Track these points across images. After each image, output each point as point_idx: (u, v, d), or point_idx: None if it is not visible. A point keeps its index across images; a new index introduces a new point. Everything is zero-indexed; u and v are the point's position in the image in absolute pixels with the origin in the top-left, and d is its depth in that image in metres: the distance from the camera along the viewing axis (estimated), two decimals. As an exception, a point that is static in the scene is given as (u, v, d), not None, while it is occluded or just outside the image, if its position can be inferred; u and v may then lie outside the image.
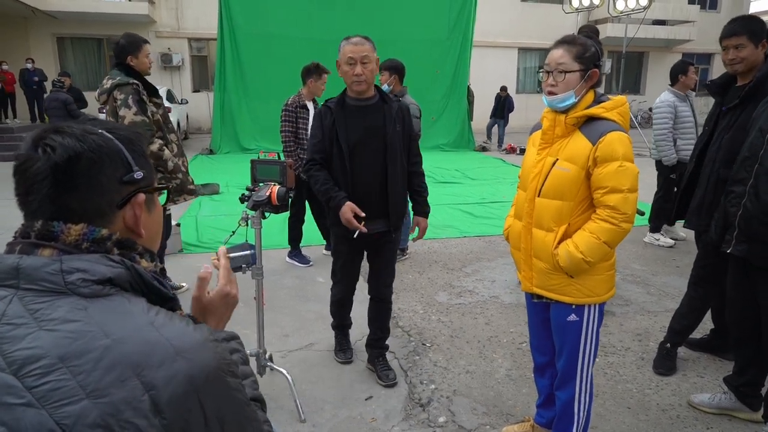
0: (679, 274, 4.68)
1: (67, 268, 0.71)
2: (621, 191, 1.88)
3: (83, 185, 0.75)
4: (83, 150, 0.75)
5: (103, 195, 0.77)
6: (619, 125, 1.93)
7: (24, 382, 0.63)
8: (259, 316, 2.73)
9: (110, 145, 0.78)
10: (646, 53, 22.25)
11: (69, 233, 0.74)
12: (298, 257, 4.89)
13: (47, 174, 0.73)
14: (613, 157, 1.88)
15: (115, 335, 0.67)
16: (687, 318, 3.05)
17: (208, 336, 0.75)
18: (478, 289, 4.34)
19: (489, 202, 7.62)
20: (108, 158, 0.78)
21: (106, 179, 0.77)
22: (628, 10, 13.13)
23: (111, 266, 0.73)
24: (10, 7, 14.41)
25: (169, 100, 13.27)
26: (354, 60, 2.54)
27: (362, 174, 2.64)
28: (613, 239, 1.92)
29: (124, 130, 0.84)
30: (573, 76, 1.91)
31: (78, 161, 0.74)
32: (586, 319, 2.07)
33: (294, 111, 4.59)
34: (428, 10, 13.37)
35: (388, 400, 2.78)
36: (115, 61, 3.50)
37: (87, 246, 0.75)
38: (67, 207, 0.75)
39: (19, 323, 0.67)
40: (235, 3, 12.46)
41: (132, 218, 0.82)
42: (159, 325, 0.71)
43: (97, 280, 0.71)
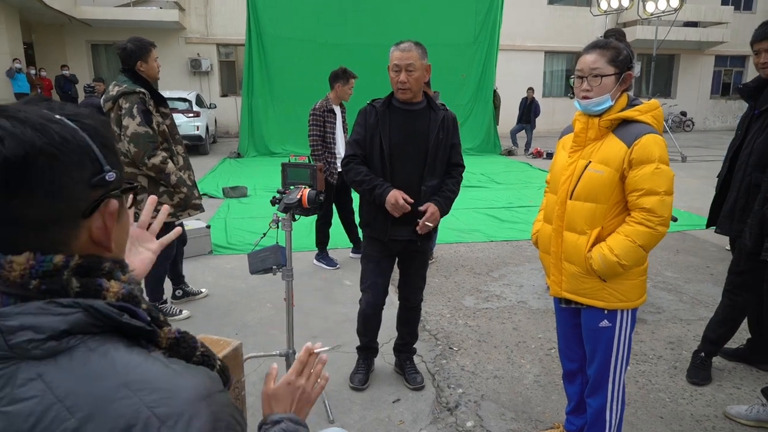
0: (713, 282, 4.57)
1: (6, 327, 0.56)
2: (657, 194, 1.86)
3: (40, 189, 0.59)
4: (43, 144, 0.59)
5: (65, 201, 0.62)
6: (654, 128, 1.92)
7: None
8: (289, 317, 2.76)
9: (77, 138, 0.62)
10: (677, 56, 21.79)
11: (12, 268, 0.59)
12: (326, 260, 4.93)
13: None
14: (649, 159, 1.86)
15: (81, 412, 0.54)
16: (722, 327, 2.98)
17: (200, 390, 0.60)
18: (505, 293, 4.31)
19: (516, 206, 7.56)
20: (74, 155, 0.62)
21: (70, 182, 0.61)
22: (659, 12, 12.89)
23: (62, 314, 0.58)
24: (48, 16, 14.91)
25: (197, 104, 13.53)
26: (399, 67, 2.49)
27: (400, 178, 2.60)
28: (649, 242, 1.90)
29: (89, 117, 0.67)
30: (608, 80, 1.91)
31: (36, 158, 0.58)
32: (619, 325, 2.04)
33: (321, 115, 4.63)
34: (454, 14, 13.34)
35: (415, 403, 2.78)
36: (123, 67, 3.30)
37: (36, 284, 0.59)
38: (18, 215, 0.59)
39: None
40: (262, 9, 12.65)
41: (101, 230, 0.66)
42: (136, 387, 0.56)
43: (47, 336, 0.56)
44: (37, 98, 0.66)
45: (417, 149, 2.60)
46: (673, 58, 21.91)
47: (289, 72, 12.78)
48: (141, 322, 0.64)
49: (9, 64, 13.00)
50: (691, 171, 10.85)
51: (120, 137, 3.14)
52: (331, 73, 4.73)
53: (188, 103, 13.17)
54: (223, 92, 18.50)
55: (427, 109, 2.65)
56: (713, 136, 19.10)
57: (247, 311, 3.86)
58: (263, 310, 3.90)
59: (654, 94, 17.39)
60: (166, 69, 16.54)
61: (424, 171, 2.61)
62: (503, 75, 16.59)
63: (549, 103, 18.70)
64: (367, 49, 11.69)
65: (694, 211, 7.10)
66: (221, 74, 18.53)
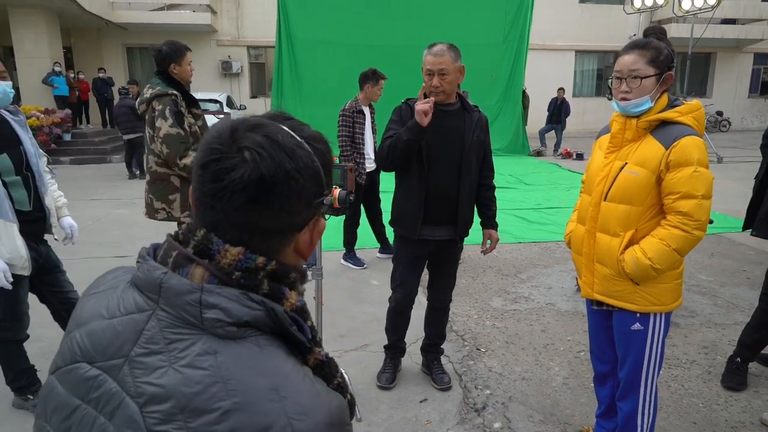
0: (749, 286, 4.44)
1: (206, 302, 0.65)
2: (695, 197, 1.82)
3: (278, 205, 0.67)
4: (291, 169, 0.67)
5: (292, 217, 0.70)
6: (694, 130, 1.88)
7: (146, 420, 0.61)
8: (318, 316, 2.80)
9: (313, 165, 0.70)
10: (713, 54, 21.18)
11: (225, 255, 0.68)
12: (353, 260, 4.97)
13: (247, 185, 0.65)
14: (688, 162, 1.82)
15: (236, 398, 0.61)
16: (759, 332, 2.90)
17: (333, 417, 0.66)
18: (533, 295, 4.27)
19: (544, 207, 7.48)
20: (310, 180, 0.70)
21: (300, 201, 0.69)
22: (695, 9, 12.55)
23: (250, 308, 0.66)
24: (86, 21, 15.39)
25: (228, 106, 13.77)
26: (432, 72, 2.50)
27: (437, 177, 2.60)
28: (684, 247, 1.86)
29: (320, 142, 0.75)
30: (648, 81, 1.87)
31: (283, 179, 0.66)
32: (652, 329, 2.01)
33: (351, 116, 4.67)
34: (484, 13, 13.25)
35: (442, 404, 2.79)
36: (157, 69, 3.39)
37: (238, 276, 0.68)
38: (252, 222, 0.68)
39: (154, 350, 0.64)
40: (292, 11, 12.79)
41: (306, 243, 0.75)
42: (284, 393, 0.63)
43: (233, 322, 0.65)
44: (281, 116, 0.75)
45: (453, 149, 2.60)
46: (710, 56, 21.31)
47: (319, 73, 12.88)
48: (304, 338, 0.71)
49: (50, 67, 13.47)
50: (727, 172, 10.54)
51: (153, 138, 3.24)
52: (360, 74, 4.77)
53: (219, 105, 13.41)
54: (253, 94, 18.78)
55: (461, 110, 2.65)
56: (751, 136, 18.49)
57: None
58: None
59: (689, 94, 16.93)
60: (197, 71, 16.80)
61: (460, 171, 2.61)
62: (533, 75, 16.39)
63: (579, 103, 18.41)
64: (397, 51, 11.70)
65: (731, 213, 6.90)
66: (251, 76, 18.82)
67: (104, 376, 0.66)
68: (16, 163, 2.46)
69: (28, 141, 2.56)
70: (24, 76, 13.64)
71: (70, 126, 13.16)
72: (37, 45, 13.53)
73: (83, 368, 0.68)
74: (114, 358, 0.66)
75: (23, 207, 2.48)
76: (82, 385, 0.68)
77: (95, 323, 0.70)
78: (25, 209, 2.49)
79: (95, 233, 6.08)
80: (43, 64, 13.51)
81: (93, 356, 0.68)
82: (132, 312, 0.68)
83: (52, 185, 2.73)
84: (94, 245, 5.52)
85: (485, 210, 2.83)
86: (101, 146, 13.02)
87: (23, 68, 13.63)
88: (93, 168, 11.63)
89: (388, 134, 2.62)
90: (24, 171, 2.50)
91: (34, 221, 2.57)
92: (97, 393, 0.66)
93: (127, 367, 0.65)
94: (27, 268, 2.46)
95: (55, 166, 11.29)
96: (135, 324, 0.67)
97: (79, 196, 8.25)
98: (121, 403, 0.63)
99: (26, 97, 13.54)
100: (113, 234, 6.08)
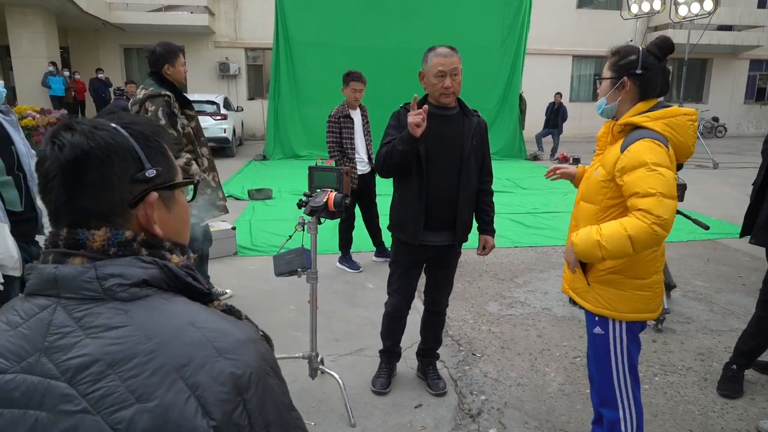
0: (745, 293, 4.44)
1: (101, 274, 0.71)
2: (653, 194, 1.74)
3: (92, 184, 0.73)
4: (90, 148, 0.72)
5: (114, 194, 0.75)
6: (661, 135, 1.85)
7: (78, 389, 0.64)
8: (313, 320, 2.78)
9: (120, 142, 0.75)
10: (709, 60, 21.28)
11: (94, 239, 0.73)
12: (349, 263, 4.95)
13: (57, 173, 0.72)
14: (640, 164, 1.79)
15: (157, 338, 0.67)
16: (755, 339, 2.90)
17: (249, 335, 0.73)
18: (529, 300, 4.26)
19: (540, 212, 7.48)
20: (117, 156, 0.74)
21: (116, 178, 0.74)
22: (692, 15, 12.60)
23: (144, 267, 0.73)
24: (83, 21, 15.34)
25: (225, 107, 13.74)
26: (444, 72, 2.47)
27: (437, 181, 2.57)
28: (640, 237, 1.75)
29: (142, 124, 0.80)
30: (606, 84, 2.00)
31: (86, 160, 0.72)
32: (612, 336, 2.00)
33: (337, 121, 4.66)
34: (482, 17, 13.27)
35: (437, 409, 2.77)
36: (150, 70, 3.39)
37: (114, 251, 0.74)
38: (80, 207, 0.74)
39: (66, 332, 0.68)
40: (290, 13, 12.79)
41: (144, 218, 0.78)
42: (200, 325, 0.70)
43: (132, 283, 0.71)
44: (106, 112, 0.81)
45: (452, 154, 2.58)
46: (706, 62, 21.41)
47: (316, 76, 12.87)
48: (202, 286, 0.78)
49: (47, 67, 13.41)
50: (723, 178, 10.57)
51: None
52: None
53: (216, 106, 13.39)
54: (250, 95, 18.75)
55: (460, 114, 2.63)
56: (747, 142, 18.58)
57: (270, 313, 3.90)
58: (286, 312, 3.93)
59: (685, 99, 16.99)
60: (195, 72, 16.88)
61: (460, 176, 2.60)
62: (530, 79, 16.42)
63: (576, 108, 18.45)
64: (394, 54, 11.72)
65: (727, 219, 6.92)
66: (249, 78, 18.79)
67: (21, 376, 0.68)
68: (7, 163, 2.43)
69: (20, 141, 2.53)
70: (20, 76, 13.59)
71: (65, 126, 13.10)
72: (34, 45, 13.48)
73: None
74: (27, 357, 0.68)
75: (14, 207, 2.46)
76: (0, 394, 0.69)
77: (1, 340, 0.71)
78: (17, 209, 2.47)
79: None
80: (40, 64, 13.46)
81: (5, 366, 0.69)
82: (35, 314, 0.71)
83: (44, 186, 2.70)
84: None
85: (483, 215, 2.81)
86: (97, 147, 12.96)
87: (20, 68, 13.58)
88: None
89: (385, 140, 2.60)
90: (15, 171, 2.48)
91: (26, 222, 2.54)
92: (18, 393, 0.67)
93: (44, 357, 0.67)
94: (18, 269, 2.43)
95: (50, 167, 11.23)
96: (41, 321, 0.70)
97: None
98: (47, 388, 0.66)
99: (22, 97, 13.47)
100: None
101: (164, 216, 0.81)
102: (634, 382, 2.03)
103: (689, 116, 1.90)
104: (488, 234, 2.82)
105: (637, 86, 1.93)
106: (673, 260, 5.20)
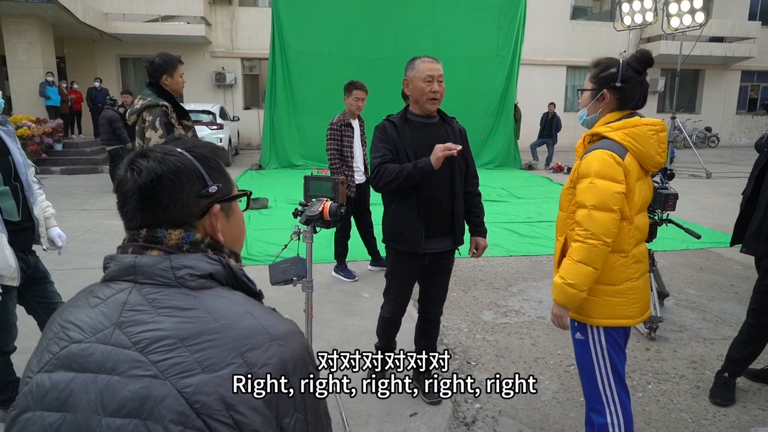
0: (737, 301, 4.48)
1: (176, 265, 0.83)
2: (585, 207, 1.89)
3: (165, 201, 0.85)
4: (163, 172, 0.85)
5: (183, 208, 0.87)
6: (619, 144, 1.90)
7: (149, 357, 0.73)
8: (308, 329, 2.79)
9: (187, 164, 0.88)
10: (702, 71, 21.51)
11: (170, 237, 0.86)
12: (344, 272, 4.96)
13: (134, 192, 0.85)
14: (587, 174, 1.91)
15: (222, 320, 0.78)
16: (747, 347, 2.92)
17: (294, 328, 0.85)
18: (524, 309, 4.28)
19: (535, 221, 7.52)
20: (185, 177, 0.87)
21: (185, 195, 0.87)
22: (684, 27, 12.76)
23: (211, 263, 0.85)
24: (80, 31, 15.39)
25: (221, 117, 13.78)
26: (432, 78, 2.55)
27: (431, 189, 2.61)
28: (586, 257, 1.87)
29: (202, 147, 0.93)
30: (586, 95, 2.06)
31: (159, 182, 0.85)
32: (592, 341, 2.04)
33: (338, 129, 4.69)
34: (477, 28, 13.39)
35: (432, 418, 2.78)
36: (148, 81, 3.40)
37: (187, 248, 0.86)
38: (155, 218, 0.86)
39: (141, 309, 0.78)
40: (286, 23, 12.87)
41: (209, 227, 0.91)
42: (256, 314, 0.82)
43: (201, 275, 0.83)
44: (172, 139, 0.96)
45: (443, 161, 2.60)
46: (698, 73, 21.63)
47: (312, 85, 12.95)
48: (254, 287, 0.91)
49: (43, 77, 13.42)
50: (716, 187, 10.66)
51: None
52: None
53: (212, 116, 13.42)
54: (247, 105, 18.82)
55: (441, 121, 2.72)
56: (740, 152, 18.75)
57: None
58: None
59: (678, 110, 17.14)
60: (191, 82, 16.93)
61: (452, 181, 2.65)
62: (524, 89, 16.56)
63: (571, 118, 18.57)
64: (390, 63, 11.78)
65: (720, 228, 6.97)
66: (245, 87, 18.86)
67: (95, 345, 0.77)
68: (4, 173, 2.45)
69: (17, 151, 2.55)
70: (16, 86, 13.59)
71: (61, 136, 13.09)
72: (31, 55, 13.49)
73: (73, 347, 0.78)
74: (103, 329, 0.78)
75: (12, 217, 2.47)
76: (74, 359, 0.77)
77: (80, 316, 0.81)
78: (14, 219, 2.48)
79: (85, 244, 6.04)
80: (36, 74, 13.47)
81: (81, 337, 0.78)
82: (113, 294, 0.82)
83: (40, 195, 2.72)
84: (83, 256, 5.48)
85: (472, 217, 2.85)
86: (92, 156, 12.97)
87: (15, 78, 13.58)
88: (84, 178, 11.57)
89: (378, 155, 2.63)
90: (12, 181, 2.49)
91: (23, 231, 2.55)
92: (92, 360, 0.75)
93: (117, 330, 0.77)
94: (16, 279, 2.44)
95: (46, 176, 11.23)
96: (118, 300, 0.80)
97: (70, 206, 8.21)
98: (119, 355, 0.74)
99: (18, 106, 13.47)
100: (103, 244, 6.04)
101: (224, 224, 0.94)
102: (620, 388, 2.04)
103: (652, 126, 1.92)
104: (479, 235, 2.86)
105: (616, 98, 1.98)
106: (666, 269, 5.24)
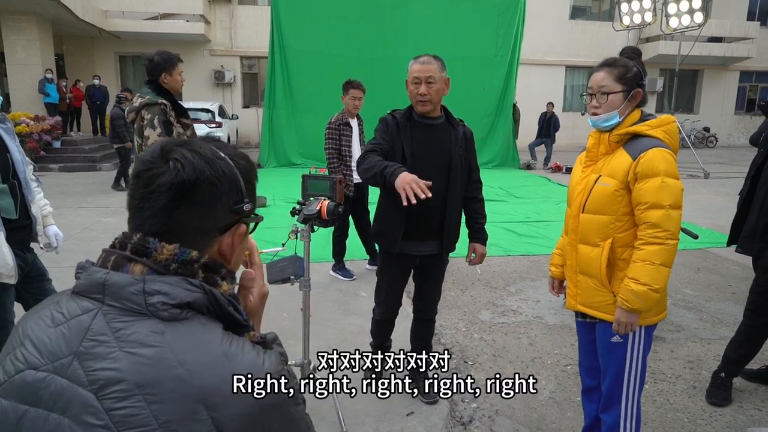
0: (734, 301, 4.49)
1: (149, 289, 0.72)
2: (663, 207, 1.86)
3: (200, 205, 0.78)
4: (210, 174, 0.77)
5: (214, 218, 0.80)
6: (664, 143, 1.93)
7: (103, 403, 0.65)
8: (306, 327, 2.79)
9: (232, 173, 0.81)
10: (700, 71, 21.55)
11: (161, 252, 0.76)
12: (342, 271, 4.96)
13: (171, 187, 0.75)
14: (654, 173, 1.87)
15: (188, 365, 0.68)
16: (743, 347, 2.93)
17: (276, 367, 0.75)
18: (521, 308, 4.29)
19: (533, 221, 7.52)
20: (228, 185, 0.80)
21: (220, 204, 0.80)
22: (682, 27, 12.78)
23: (190, 290, 0.74)
24: (79, 29, 15.37)
25: (220, 115, 13.79)
26: (419, 79, 2.50)
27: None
28: (667, 258, 1.88)
29: (243, 159, 0.86)
30: (616, 97, 1.96)
31: (203, 183, 0.77)
32: (631, 342, 2.03)
33: (337, 129, 4.69)
34: (476, 27, 13.39)
35: (429, 417, 2.79)
36: (147, 78, 3.37)
37: (175, 267, 0.76)
38: (178, 221, 0.77)
39: (102, 340, 0.69)
40: (286, 22, 12.86)
41: (229, 246, 0.84)
42: (231, 356, 0.72)
43: (176, 304, 0.72)
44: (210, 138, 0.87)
45: (439, 164, 2.58)
46: (697, 73, 21.67)
47: (311, 84, 12.94)
48: (240, 317, 0.80)
49: (42, 74, 13.40)
50: (714, 188, 10.68)
51: (142, 147, 3.23)
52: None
53: (211, 114, 13.42)
54: (245, 103, 18.81)
55: (446, 123, 2.66)
56: (738, 152, 18.78)
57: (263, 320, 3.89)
58: (279, 320, 3.94)
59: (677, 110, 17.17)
60: (190, 80, 16.91)
61: (447, 186, 2.60)
62: (523, 89, 16.57)
63: (569, 118, 18.63)
64: (389, 62, 11.78)
65: (717, 228, 6.98)
66: (244, 86, 18.85)
67: (52, 376, 0.69)
68: (2, 170, 2.45)
69: (15, 149, 2.54)
70: (15, 83, 13.57)
71: (60, 133, 13.08)
72: (29, 52, 13.47)
73: (28, 375, 0.71)
74: (61, 358, 0.70)
75: (10, 215, 2.47)
76: (28, 389, 0.70)
77: (40, 334, 0.74)
78: (12, 217, 2.48)
79: (83, 241, 6.03)
80: (35, 71, 13.45)
81: (38, 363, 0.71)
82: (77, 315, 0.73)
83: (38, 193, 2.71)
84: (81, 253, 5.46)
85: (472, 223, 2.83)
86: (91, 154, 12.95)
87: (14, 75, 13.57)
88: (82, 176, 11.55)
89: (374, 141, 2.62)
90: (11, 179, 2.49)
91: (21, 229, 2.55)
92: (46, 393, 0.68)
93: (76, 362, 0.69)
94: (13, 277, 2.44)
95: (44, 173, 11.21)
96: (81, 324, 0.72)
97: (68, 203, 8.19)
98: (74, 395, 0.67)
99: (17, 104, 13.45)
100: (101, 242, 6.00)
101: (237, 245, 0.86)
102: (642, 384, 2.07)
103: (676, 125, 2.00)
104: (478, 242, 2.81)
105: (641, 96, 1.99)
106: (664, 269, 5.24)
